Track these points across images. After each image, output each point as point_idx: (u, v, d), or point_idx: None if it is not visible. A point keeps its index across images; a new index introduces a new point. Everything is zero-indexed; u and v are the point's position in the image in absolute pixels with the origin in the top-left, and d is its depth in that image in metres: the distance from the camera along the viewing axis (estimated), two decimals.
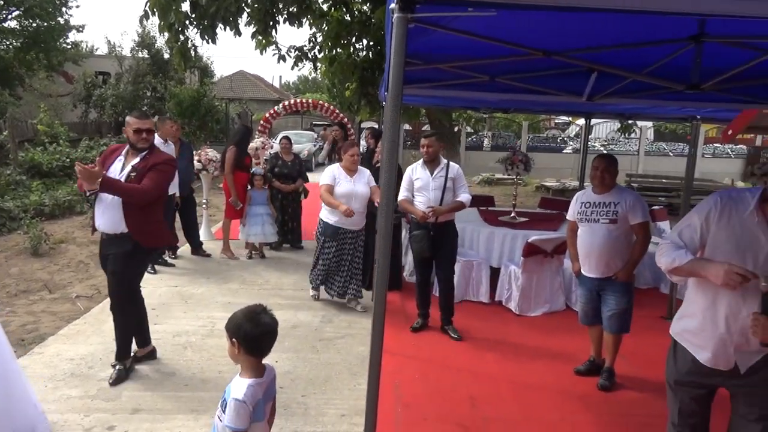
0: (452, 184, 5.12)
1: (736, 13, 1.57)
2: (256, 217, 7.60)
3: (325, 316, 5.63)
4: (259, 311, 2.30)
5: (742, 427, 2.52)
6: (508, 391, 4.19)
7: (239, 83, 34.80)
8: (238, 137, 7.92)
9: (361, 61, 8.18)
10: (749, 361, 2.41)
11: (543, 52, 3.27)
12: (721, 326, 2.43)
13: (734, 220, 2.40)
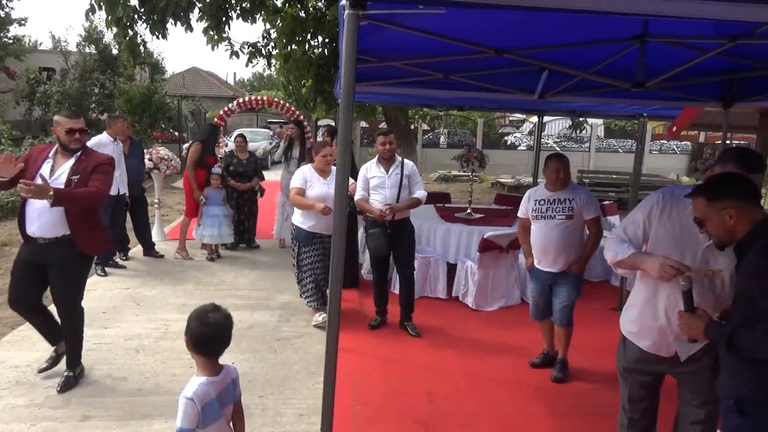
0: (408, 182, 5.15)
1: (676, 14, 1.63)
2: (213, 218, 7.46)
3: (282, 315, 5.59)
4: (209, 310, 2.27)
5: (688, 412, 2.65)
6: (466, 385, 4.24)
7: (192, 80, 34.08)
8: (205, 135, 7.86)
9: (317, 58, 8.12)
10: (690, 350, 2.53)
11: (495, 50, 3.33)
12: (661, 317, 2.54)
13: (674, 217, 2.51)
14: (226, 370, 2.36)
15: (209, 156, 7.61)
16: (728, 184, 2.24)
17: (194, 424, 2.16)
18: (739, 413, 2.20)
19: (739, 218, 2.17)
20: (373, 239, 5.10)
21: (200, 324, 2.24)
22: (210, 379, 2.25)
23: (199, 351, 2.27)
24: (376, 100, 8.20)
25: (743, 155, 2.46)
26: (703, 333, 2.26)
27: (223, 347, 2.31)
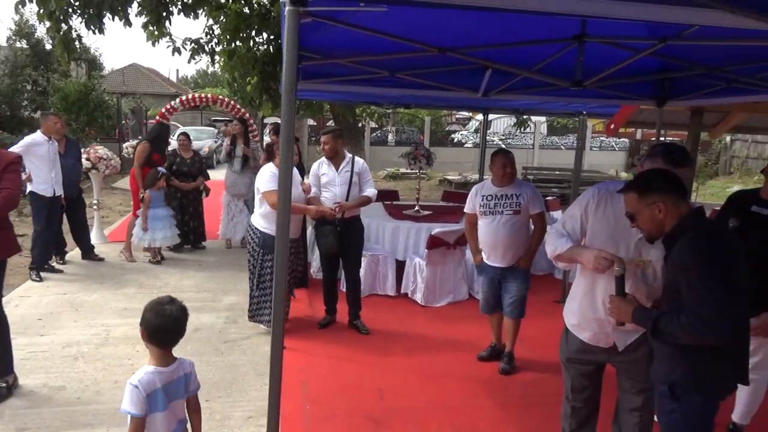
0: (358, 179, 5.14)
1: (609, 15, 1.69)
2: (159, 220, 7.25)
3: (229, 317, 5.49)
4: (164, 302, 2.35)
5: (626, 400, 2.76)
6: (415, 380, 4.28)
7: (132, 77, 32.99)
8: (153, 134, 7.70)
9: (262, 55, 7.99)
10: (627, 340, 2.63)
11: (438, 48, 3.36)
12: (599, 308, 2.63)
13: (609, 211, 2.62)
14: (179, 363, 2.41)
15: (155, 154, 7.44)
16: (657, 179, 2.35)
17: (141, 410, 2.22)
18: (672, 398, 2.31)
19: (668, 212, 2.27)
20: (322, 237, 5.08)
21: (155, 315, 2.31)
22: (158, 369, 2.31)
23: (153, 341, 2.33)
24: (323, 98, 8.15)
25: (670, 151, 2.57)
26: (631, 317, 2.36)
27: (176, 338, 2.38)
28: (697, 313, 2.12)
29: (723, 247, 2.19)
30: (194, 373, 2.48)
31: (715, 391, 2.30)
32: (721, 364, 2.25)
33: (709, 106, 4.98)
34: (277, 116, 13.21)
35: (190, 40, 8.34)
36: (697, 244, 2.17)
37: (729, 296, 2.10)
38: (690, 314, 2.14)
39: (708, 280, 2.11)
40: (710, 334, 2.11)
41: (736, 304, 2.12)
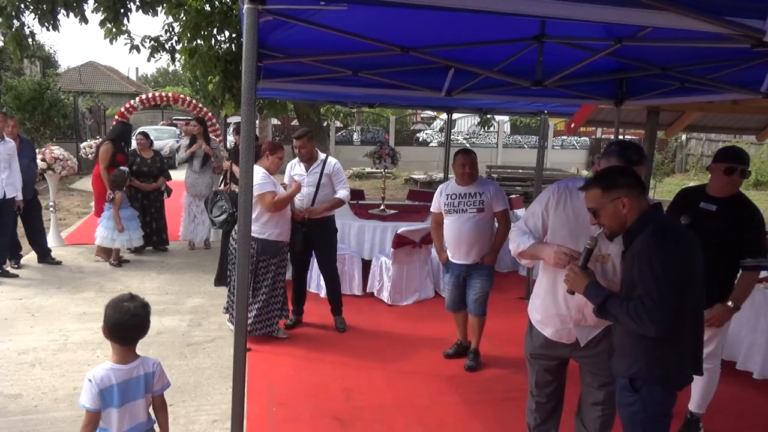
0: (328, 180, 5.12)
1: (566, 16, 1.73)
2: (132, 221, 7.16)
3: (193, 319, 5.40)
4: (125, 299, 2.37)
5: (589, 394, 2.82)
6: (382, 380, 4.29)
7: (90, 75, 32.17)
8: (115, 133, 7.54)
9: (224, 53, 7.88)
10: (588, 335, 2.69)
11: (401, 48, 3.37)
12: (561, 304, 2.68)
13: (569, 208, 2.67)
14: (141, 362, 2.42)
15: (119, 154, 7.31)
16: (621, 175, 2.41)
17: (94, 404, 2.27)
18: (632, 390, 2.38)
19: (631, 207, 2.33)
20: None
21: (114, 312, 2.33)
22: (114, 367, 2.34)
23: (113, 338, 2.36)
24: (286, 97, 8.08)
25: (624, 149, 2.63)
26: (584, 289, 2.42)
27: (137, 335, 2.40)
28: (643, 303, 2.21)
29: (680, 242, 2.27)
30: (159, 372, 2.47)
31: (673, 382, 2.37)
32: (678, 356, 2.33)
33: (665, 105, 5.12)
34: (240, 115, 13.05)
35: (150, 37, 8.18)
36: (655, 238, 2.24)
37: (675, 292, 2.18)
38: (637, 303, 2.23)
39: (659, 274, 2.19)
40: (650, 325, 2.19)
41: (683, 299, 2.20)
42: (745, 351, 4.31)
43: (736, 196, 3.33)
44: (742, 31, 1.76)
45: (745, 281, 3.31)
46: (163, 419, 2.54)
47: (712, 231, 2.40)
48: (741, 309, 4.40)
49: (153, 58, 8.21)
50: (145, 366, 2.43)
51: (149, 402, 2.46)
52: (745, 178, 3.32)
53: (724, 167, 3.29)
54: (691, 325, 2.33)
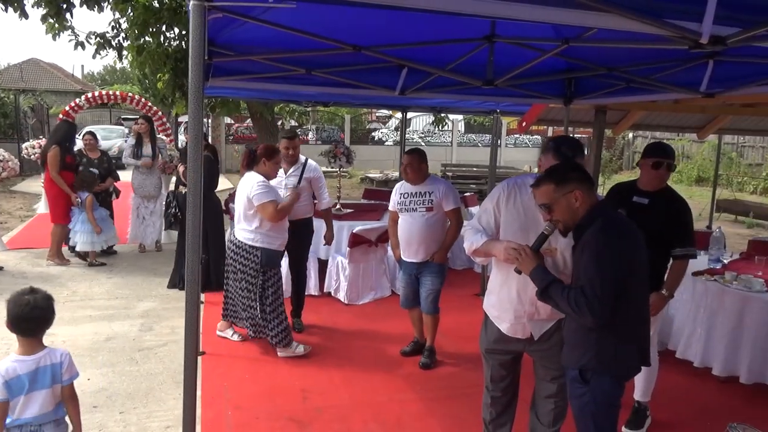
0: (308, 184, 5.06)
1: (513, 16, 1.76)
2: (86, 223, 7.00)
3: (144, 324, 5.26)
4: (25, 292, 2.46)
5: (542, 388, 2.88)
6: (340, 379, 4.28)
7: (32, 72, 30.88)
8: (60, 134, 7.24)
9: (174, 51, 7.69)
10: (542, 329, 2.74)
11: (353, 47, 3.37)
12: (514, 299, 2.73)
13: (518, 203, 2.73)
14: (47, 353, 2.48)
15: (68, 156, 7.10)
16: (573, 169, 2.47)
17: (3, 395, 2.36)
18: (582, 381, 2.44)
19: (583, 200, 2.39)
20: None
21: (15, 306, 2.42)
22: (20, 358, 2.42)
23: (15, 331, 2.44)
24: (239, 96, 7.95)
25: (558, 146, 2.71)
26: (531, 271, 2.48)
27: (40, 327, 2.48)
28: (584, 293, 2.28)
29: (626, 236, 2.36)
30: (68, 363, 2.53)
31: (621, 373, 2.45)
32: (625, 347, 2.40)
33: (611, 104, 5.28)
34: None
35: (95, 34, 7.92)
36: (603, 231, 2.31)
37: (616, 285, 2.26)
38: (578, 291, 2.31)
39: (603, 266, 2.27)
40: (588, 314, 2.27)
41: (627, 292, 2.28)
42: (684, 341, 4.49)
43: (665, 189, 3.50)
44: (680, 33, 1.83)
45: (677, 270, 3.48)
46: (74, 410, 2.60)
47: (645, 223, 2.51)
48: (684, 300, 4.60)
49: (99, 55, 7.98)
50: (53, 357, 2.49)
51: (57, 392, 2.52)
52: (672, 171, 3.49)
53: (651, 162, 3.44)
54: (637, 316, 2.41)
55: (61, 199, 7.01)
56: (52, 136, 7.26)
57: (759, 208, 12.44)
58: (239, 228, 4.50)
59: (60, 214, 7.06)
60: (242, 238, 4.46)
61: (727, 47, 1.94)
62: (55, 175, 6.90)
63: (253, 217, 4.39)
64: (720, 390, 4.30)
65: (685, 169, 20.37)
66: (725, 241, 5.29)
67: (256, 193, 4.30)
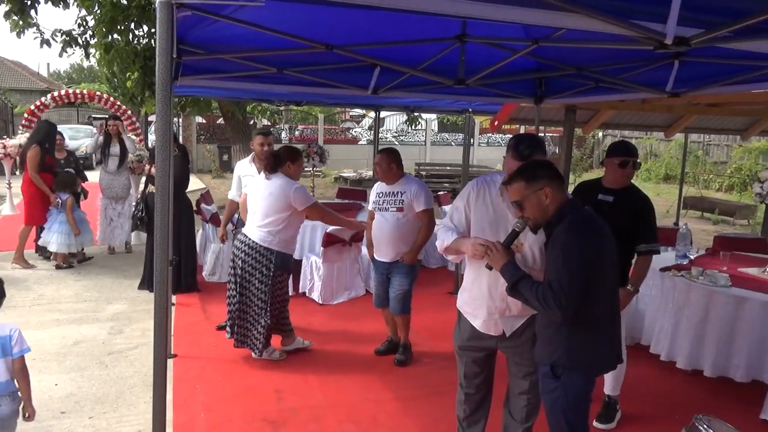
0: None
1: (481, 16, 1.78)
2: (63, 224, 6.87)
3: (114, 327, 5.17)
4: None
5: (515, 384, 2.92)
6: (315, 379, 4.26)
7: None
8: (41, 135, 7.03)
9: (143, 49, 7.58)
10: (513, 325, 2.78)
11: (326, 45, 3.36)
12: (485, 295, 2.76)
13: (488, 201, 2.77)
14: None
15: (49, 157, 6.95)
16: (543, 167, 2.50)
17: None
18: (554, 377, 2.48)
19: (553, 197, 2.42)
20: None
21: None
22: None
23: None
24: (210, 95, 7.88)
25: (517, 145, 2.74)
26: (501, 267, 2.51)
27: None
28: (552, 288, 2.32)
29: (595, 233, 2.39)
30: (18, 337, 2.67)
31: (591, 369, 2.50)
32: (595, 343, 2.44)
33: (580, 103, 5.37)
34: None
35: (61, 31, 7.76)
36: (572, 228, 2.35)
37: (583, 281, 2.29)
38: (545, 287, 2.34)
39: (571, 262, 2.31)
40: (556, 309, 2.31)
41: (595, 288, 2.32)
42: (655, 335, 4.58)
43: (630, 187, 3.58)
44: (645, 33, 1.87)
45: (641, 265, 3.56)
46: (24, 383, 2.73)
47: (610, 220, 2.57)
48: (653, 296, 4.70)
49: (65, 53, 7.82)
50: (2, 330, 2.64)
51: (9, 364, 2.66)
52: (636, 169, 3.56)
53: (618, 161, 3.51)
54: (606, 312, 2.45)
55: (38, 200, 6.87)
56: (33, 136, 7.06)
57: (724, 205, 12.75)
58: (255, 227, 4.28)
59: (36, 216, 6.91)
60: (257, 238, 4.26)
61: (691, 48, 1.99)
62: (35, 175, 6.74)
63: (281, 221, 4.23)
64: (687, 383, 4.40)
65: (653, 167, 20.81)
66: (692, 238, 5.41)
67: (302, 197, 4.24)
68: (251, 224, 4.33)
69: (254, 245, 4.26)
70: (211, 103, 10.68)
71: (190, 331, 5.07)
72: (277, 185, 4.23)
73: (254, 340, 4.40)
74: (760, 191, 4.45)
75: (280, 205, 4.19)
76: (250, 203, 4.38)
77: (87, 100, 10.09)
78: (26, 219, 6.98)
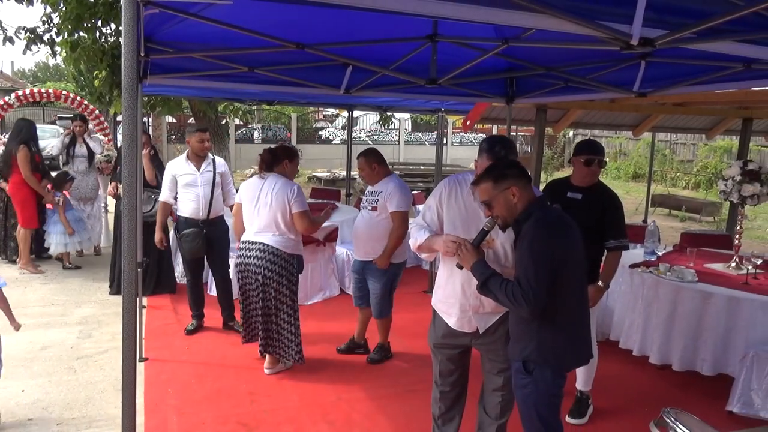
0: (220, 179, 5.01)
1: (452, 16, 1.79)
2: (78, 222, 6.90)
3: (83, 331, 5.06)
4: None
5: (489, 381, 2.94)
6: (288, 381, 4.24)
7: None
8: (24, 134, 6.80)
9: (110, 47, 7.41)
10: (487, 323, 2.80)
11: (297, 44, 3.34)
12: (459, 292, 2.78)
13: (459, 199, 2.81)
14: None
15: (37, 155, 6.83)
16: (509, 167, 2.54)
17: None
18: (526, 372, 2.51)
19: (521, 196, 2.46)
20: (187, 241, 4.85)
21: None
22: None
23: None
24: (180, 94, 7.75)
25: (492, 147, 2.76)
26: (471, 265, 2.54)
27: None
28: (520, 284, 2.36)
29: (561, 229, 2.44)
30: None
31: (562, 364, 2.53)
32: (564, 338, 2.48)
33: (551, 103, 5.44)
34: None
35: (25, 28, 7.56)
36: (537, 225, 2.39)
37: (549, 276, 2.33)
38: (514, 284, 2.38)
39: (537, 258, 2.35)
40: (524, 305, 2.34)
41: (563, 283, 2.36)
42: (626, 330, 4.67)
43: (597, 184, 3.65)
44: (612, 34, 1.90)
45: (611, 261, 3.63)
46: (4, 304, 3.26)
47: (580, 217, 2.61)
48: (622, 292, 4.78)
49: (29, 50, 7.60)
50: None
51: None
52: (602, 167, 3.64)
53: (583, 159, 3.58)
54: (575, 308, 2.49)
55: (32, 201, 6.73)
56: (16, 137, 6.83)
57: (691, 203, 13.06)
58: (269, 235, 4.08)
59: (33, 218, 6.77)
60: (278, 245, 4.07)
61: (656, 48, 2.03)
62: (29, 175, 6.59)
63: (292, 224, 4.11)
64: (656, 377, 4.49)
65: (622, 165, 21.19)
66: (660, 234, 5.53)
67: (301, 199, 4.08)
68: (262, 230, 4.09)
69: (278, 252, 4.06)
70: (182, 103, 10.53)
71: (162, 334, 5.00)
72: (279, 186, 4.06)
73: (286, 348, 4.24)
74: (725, 189, 4.55)
75: (286, 206, 4.05)
76: (248, 208, 4.14)
77: (53, 99, 9.85)
78: (23, 221, 6.77)
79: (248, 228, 4.19)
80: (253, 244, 4.10)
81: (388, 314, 4.53)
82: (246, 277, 4.17)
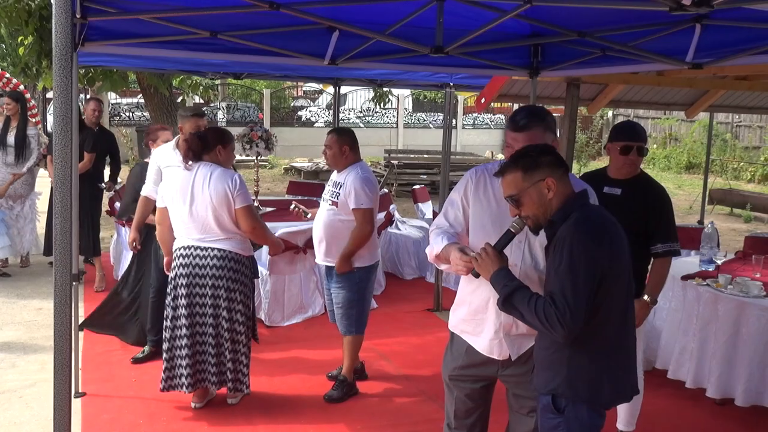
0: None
1: None
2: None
3: (5, 359, 5.06)
4: None
5: (517, 422, 2.90)
6: (260, 420, 4.25)
7: None
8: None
9: (39, 7, 7.43)
10: (521, 348, 2.76)
11: (270, 4, 3.34)
12: (487, 309, 2.75)
13: (489, 192, 2.80)
14: None
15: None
16: (544, 152, 2.49)
17: None
18: (555, 411, 2.49)
19: (557, 190, 2.42)
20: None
21: None
22: None
23: None
24: (125, 65, 7.73)
25: (514, 115, 2.80)
26: (491, 275, 2.50)
27: None
28: (554, 300, 2.32)
29: (607, 234, 2.40)
30: None
31: (600, 400, 2.48)
32: (603, 367, 2.45)
33: (585, 76, 5.44)
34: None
35: None
36: (580, 227, 2.36)
37: (591, 293, 2.31)
38: (547, 302, 2.34)
39: (577, 269, 2.31)
40: (559, 327, 2.31)
41: (604, 300, 2.34)
42: (676, 357, 4.68)
43: (640, 176, 3.66)
44: None
45: (658, 270, 3.64)
46: None
47: (619, 217, 2.59)
48: (672, 309, 4.79)
49: None
50: None
51: None
52: (643, 156, 3.64)
53: (619, 146, 3.59)
54: (618, 329, 2.46)
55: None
56: None
57: (757, 199, 13.09)
58: (221, 239, 4.03)
59: None
60: (236, 248, 4.07)
61: (714, 9, 2.03)
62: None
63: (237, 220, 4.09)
64: (714, 415, 4.51)
65: (672, 153, 21.26)
66: (719, 239, 5.54)
67: (241, 192, 3.99)
68: (207, 233, 4.03)
69: (239, 257, 4.09)
70: (128, 76, 10.52)
71: (104, 363, 5.00)
72: (215, 176, 3.97)
73: (240, 375, 4.20)
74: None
75: (230, 199, 3.97)
76: (179, 209, 4.05)
77: None
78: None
79: (182, 234, 4.08)
80: (205, 251, 4.03)
81: (357, 332, 4.51)
82: (193, 294, 4.08)
